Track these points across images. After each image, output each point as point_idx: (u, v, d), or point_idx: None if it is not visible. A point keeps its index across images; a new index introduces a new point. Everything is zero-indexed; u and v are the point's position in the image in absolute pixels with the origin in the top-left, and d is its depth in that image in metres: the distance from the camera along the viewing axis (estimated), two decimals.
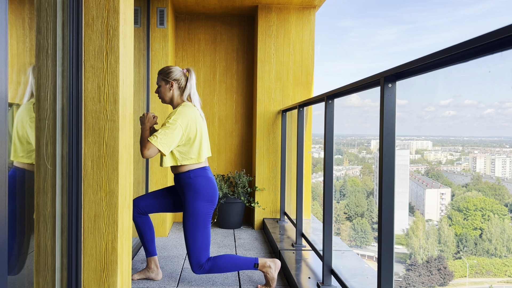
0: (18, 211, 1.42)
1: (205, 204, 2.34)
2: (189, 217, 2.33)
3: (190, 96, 2.43)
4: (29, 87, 1.48)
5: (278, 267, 2.45)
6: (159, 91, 2.44)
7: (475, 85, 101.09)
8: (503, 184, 37.76)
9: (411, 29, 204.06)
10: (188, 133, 2.30)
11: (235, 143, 4.44)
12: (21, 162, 1.49)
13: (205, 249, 2.36)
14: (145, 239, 2.56)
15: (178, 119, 2.26)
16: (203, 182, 2.34)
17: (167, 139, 2.21)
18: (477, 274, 29.98)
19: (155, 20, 3.70)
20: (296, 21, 4.09)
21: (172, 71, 2.41)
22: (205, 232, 2.36)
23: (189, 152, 2.33)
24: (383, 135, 1.46)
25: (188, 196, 2.33)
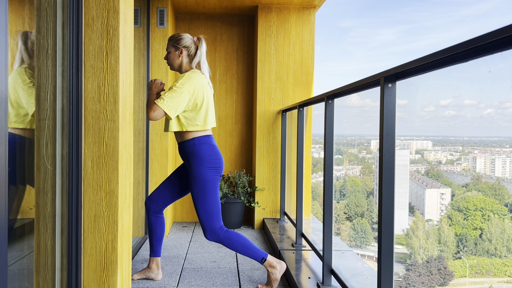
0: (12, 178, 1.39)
1: (211, 172, 2.33)
2: (197, 184, 2.32)
3: (199, 65, 2.43)
4: (18, 53, 1.47)
5: (283, 270, 2.45)
6: (168, 57, 2.43)
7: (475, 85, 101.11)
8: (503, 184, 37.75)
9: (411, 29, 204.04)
10: (195, 99, 2.29)
11: (235, 143, 4.44)
12: (14, 128, 1.47)
13: (216, 215, 2.36)
14: (154, 237, 2.57)
15: (185, 84, 2.25)
16: (208, 150, 2.34)
17: (173, 102, 2.21)
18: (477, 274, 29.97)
19: (155, 20, 3.70)
20: (296, 21, 4.09)
21: (183, 38, 2.41)
22: (215, 198, 2.35)
23: (195, 118, 2.32)
24: (383, 135, 1.46)
25: (194, 164, 2.32)
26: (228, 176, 4.25)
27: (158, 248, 2.60)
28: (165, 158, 3.71)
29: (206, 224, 2.35)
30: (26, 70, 1.46)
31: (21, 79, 1.48)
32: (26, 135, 1.47)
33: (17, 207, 1.50)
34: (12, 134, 1.44)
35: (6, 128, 0.88)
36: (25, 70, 1.46)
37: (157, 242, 2.58)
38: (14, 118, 1.46)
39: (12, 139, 1.42)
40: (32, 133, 1.48)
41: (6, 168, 0.88)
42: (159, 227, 2.56)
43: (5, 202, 0.88)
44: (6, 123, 0.88)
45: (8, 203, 1.33)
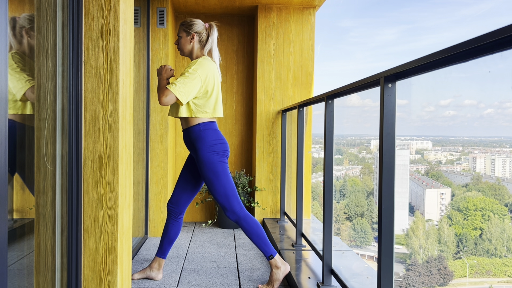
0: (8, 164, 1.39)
1: (217, 156, 2.33)
2: (206, 168, 2.33)
3: (210, 52, 2.43)
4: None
5: (286, 272, 2.44)
6: (179, 42, 2.43)
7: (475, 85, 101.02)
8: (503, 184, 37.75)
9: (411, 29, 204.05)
10: (207, 86, 2.29)
11: (235, 143, 4.44)
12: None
13: (233, 195, 2.36)
14: (166, 238, 2.57)
15: (198, 70, 2.25)
16: (213, 135, 2.34)
17: (185, 88, 2.21)
18: (477, 274, 29.98)
19: (155, 20, 3.70)
20: (296, 21, 4.09)
21: (195, 23, 2.41)
22: (227, 178, 2.35)
23: (205, 105, 2.32)
24: (383, 135, 1.46)
25: (200, 149, 2.32)
26: None
27: (167, 249, 2.60)
28: (165, 158, 3.71)
29: (226, 204, 2.36)
30: (14, 55, 1.46)
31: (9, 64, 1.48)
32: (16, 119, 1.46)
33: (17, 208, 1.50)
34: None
35: (6, 128, 0.88)
36: (13, 55, 1.46)
37: (167, 244, 2.59)
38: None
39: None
40: (22, 118, 1.47)
41: (6, 168, 0.88)
42: (175, 229, 2.57)
43: (5, 202, 0.88)
44: (6, 123, 0.88)
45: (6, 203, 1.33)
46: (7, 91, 0.88)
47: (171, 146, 3.96)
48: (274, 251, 2.42)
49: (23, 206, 1.54)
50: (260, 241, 2.40)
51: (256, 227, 2.40)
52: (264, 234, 2.42)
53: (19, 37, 1.48)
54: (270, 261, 2.41)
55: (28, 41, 1.52)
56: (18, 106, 1.47)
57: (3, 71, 0.86)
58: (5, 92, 0.87)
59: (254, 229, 2.39)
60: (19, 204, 1.53)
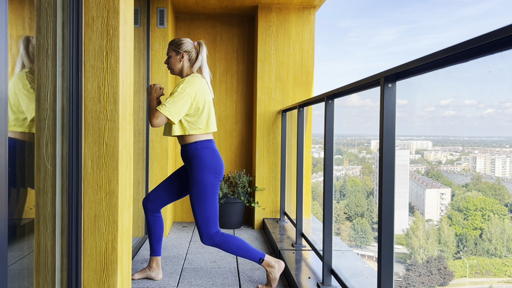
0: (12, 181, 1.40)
1: (211, 176, 2.33)
2: (197, 188, 2.33)
3: (200, 69, 2.44)
4: (20, 58, 1.47)
5: (282, 269, 2.45)
6: (169, 61, 2.44)
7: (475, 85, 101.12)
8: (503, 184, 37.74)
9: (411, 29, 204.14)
10: (197, 103, 2.30)
11: (235, 143, 4.44)
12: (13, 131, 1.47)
13: (214, 220, 2.36)
14: (153, 237, 2.57)
15: (186, 88, 2.26)
16: (210, 154, 2.34)
17: (175, 108, 2.21)
18: (477, 274, 29.97)
19: (155, 20, 3.70)
20: (296, 21, 4.09)
21: (184, 42, 2.42)
22: (214, 203, 2.35)
23: (197, 122, 2.33)
24: (383, 135, 1.46)
25: (195, 167, 2.33)
26: (228, 176, 4.25)
27: (158, 247, 2.60)
28: (165, 158, 3.71)
29: (203, 229, 2.36)
30: (27, 75, 1.47)
31: (21, 83, 1.48)
32: (24, 138, 1.48)
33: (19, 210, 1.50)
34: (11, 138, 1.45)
35: (6, 128, 0.88)
36: (26, 75, 1.47)
37: (156, 242, 2.59)
38: (13, 122, 1.47)
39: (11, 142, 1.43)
40: (30, 137, 1.49)
41: (6, 168, 0.88)
42: (158, 226, 2.57)
43: (5, 202, 0.88)
44: (6, 124, 0.88)
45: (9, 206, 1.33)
46: (7, 91, 0.88)
47: (171, 146, 3.97)
48: (262, 253, 2.42)
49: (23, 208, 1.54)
50: (244, 252, 2.40)
51: (235, 241, 2.39)
52: (245, 243, 2.41)
53: (32, 56, 1.49)
54: (263, 264, 2.42)
55: None
56: (26, 125, 1.47)
57: (3, 71, 0.86)
58: (5, 92, 0.87)
59: (233, 245, 2.38)
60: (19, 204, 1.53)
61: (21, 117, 1.49)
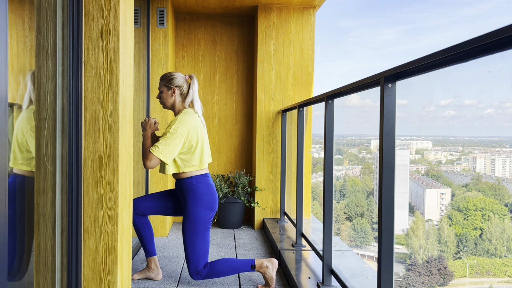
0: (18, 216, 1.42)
1: (205, 211, 2.36)
2: (189, 222, 2.35)
3: (192, 103, 2.45)
4: (27, 94, 1.48)
5: (276, 266, 2.46)
6: (160, 96, 2.45)
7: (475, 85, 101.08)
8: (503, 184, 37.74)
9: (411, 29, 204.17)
10: (190, 141, 2.31)
11: (235, 143, 4.44)
12: (20, 169, 1.50)
13: (203, 255, 2.39)
14: (144, 240, 2.56)
15: (179, 128, 2.27)
16: (205, 189, 2.37)
17: (168, 149, 2.24)
18: (477, 274, 29.97)
19: (155, 20, 3.70)
20: (296, 21, 4.09)
21: (175, 77, 2.42)
22: (204, 238, 2.38)
23: (191, 159, 2.35)
24: (383, 135, 1.46)
25: (189, 202, 2.35)
26: (228, 176, 4.25)
27: (151, 248, 2.59)
28: None
29: (192, 265, 2.38)
30: (34, 115, 1.47)
31: (29, 125, 1.49)
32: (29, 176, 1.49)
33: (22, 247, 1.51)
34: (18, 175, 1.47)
35: (6, 129, 0.88)
36: (33, 115, 1.47)
37: (148, 243, 2.58)
38: (20, 161, 1.49)
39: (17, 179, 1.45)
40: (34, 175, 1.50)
41: (6, 168, 0.88)
42: (147, 228, 2.56)
43: (5, 202, 0.88)
44: (6, 124, 0.88)
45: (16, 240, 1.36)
46: (7, 91, 0.88)
47: None
48: (250, 260, 2.43)
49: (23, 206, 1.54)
50: (234, 269, 2.41)
51: (221, 265, 2.40)
52: (231, 260, 2.42)
53: None
54: (256, 269, 2.43)
55: None
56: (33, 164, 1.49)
57: (3, 71, 0.86)
58: (5, 92, 0.87)
59: (221, 269, 2.40)
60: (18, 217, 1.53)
61: (28, 156, 1.50)
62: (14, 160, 1.47)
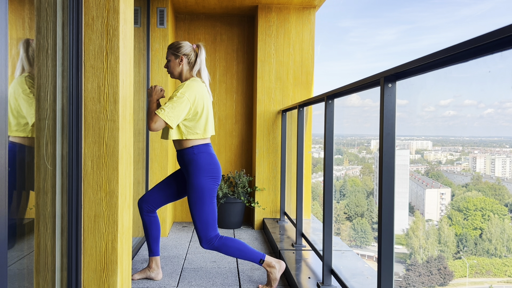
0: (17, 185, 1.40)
1: (209, 180, 2.33)
2: (195, 192, 2.33)
3: (199, 72, 2.44)
4: (20, 62, 1.47)
5: (282, 269, 2.45)
6: (168, 65, 2.44)
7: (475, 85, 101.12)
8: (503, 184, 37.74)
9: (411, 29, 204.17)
10: (196, 107, 2.30)
11: (235, 143, 4.44)
12: (16, 136, 1.48)
13: (212, 224, 2.36)
14: (150, 238, 2.56)
15: (186, 93, 2.26)
16: (207, 159, 2.34)
17: (174, 112, 2.22)
18: (477, 274, 29.97)
19: (155, 20, 3.70)
20: (296, 21, 4.09)
21: (182, 45, 2.42)
22: (212, 207, 2.35)
23: (195, 127, 2.32)
24: (383, 135, 1.46)
25: (192, 172, 2.32)
26: (228, 176, 4.25)
27: (156, 247, 2.60)
28: (165, 158, 3.71)
29: (202, 233, 2.36)
30: (27, 79, 1.46)
31: (21, 88, 1.48)
32: (26, 143, 1.48)
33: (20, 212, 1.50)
34: (13, 143, 1.45)
35: (6, 129, 0.88)
36: (26, 79, 1.46)
37: (154, 242, 2.58)
38: (15, 127, 1.47)
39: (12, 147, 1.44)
40: (32, 142, 1.49)
41: (6, 168, 0.88)
42: (154, 226, 2.56)
43: (5, 202, 0.88)
44: (6, 124, 0.88)
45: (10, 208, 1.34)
46: (7, 91, 0.88)
47: (171, 146, 3.96)
48: (262, 254, 2.42)
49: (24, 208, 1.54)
50: (244, 254, 2.40)
51: (234, 244, 2.39)
52: (244, 246, 2.41)
53: (32, 60, 1.48)
54: (263, 265, 2.41)
55: None
56: (28, 130, 1.47)
57: (3, 71, 0.86)
58: (5, 92, 0.87)
59: (233, 248, 2.38)
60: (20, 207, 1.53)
61: (23, 122, 1.49)
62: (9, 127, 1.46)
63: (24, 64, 1.47)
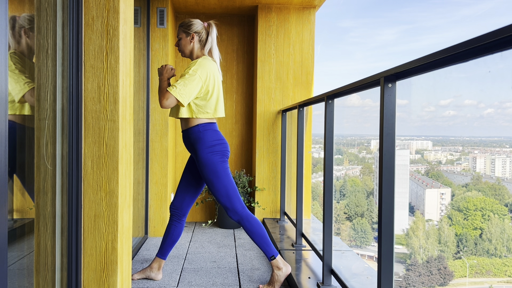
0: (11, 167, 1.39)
1: (217, 156, 2.32)
2: (207, 169, 2.32)
3: (210, 51, 2.42)
4: None
5: (287, 273, 2.43)
6: (179, 43, 2.43)
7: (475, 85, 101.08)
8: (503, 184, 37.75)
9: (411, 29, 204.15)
10: (207, 86, 2.29)
11: (235, 143, 4.44)
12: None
13: (234, 195, 2.35)
14: (168, 239, 2.57)
15: (198, 70, 2.25)
16: (213, 136, 2.33)
17: (186, 90, 2.20)
18: (477, 274, 29.97)
19: (155, 20, 3.70)
20: (296, 21, 4.09)
21: (194, 23, 2.41)
22: (228, 178, 2.34)
23: (206, 106, 2.32)
24: (383, 135, 1.46)
25: (200, 149, 2.31)
26: None
27: (168, 251, 2.60)
28: (165, 158, 3.71)
29: (228, 204, 2.35)
30: (12, 56, 1.45)
31: None
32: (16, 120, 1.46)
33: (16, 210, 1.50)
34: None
35: (6, 128, 0.88)
36: (11, 56, 1.45)
37: (169, 245, 2.58)
38: None
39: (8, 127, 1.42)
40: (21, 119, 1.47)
41: (6, 168, 0.88)
42: (177, 231, 2.57)
43: (5, 201, 0.88)
44: (6, 123, 0.88)
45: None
46: (7, 91, 0.88)
47: (171, 146, 3.96)
48: (276, 251, 2.41)
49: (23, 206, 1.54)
50: (263, 242, 2.39)
51: (259, 227, 2.39)
52: (266, 234, 2.41)
53: (17, 37, 1.47)
54: (272, 262, 2.40)
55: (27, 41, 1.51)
56: (16, 107, 1.46)
57: (3, 71, 0.86)
58: (5, 92, 0.87)
59: (256, 229, 2.38)
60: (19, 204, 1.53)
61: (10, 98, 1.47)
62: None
63: (10, 41, 1.45)
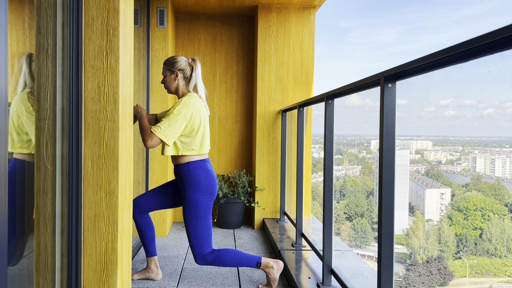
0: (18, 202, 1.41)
1: (204, 196, 2.33)
2: (190, 209, 2.33)
3: (196, 87, 2.43)
4: (22, 76, 1.46)
5: (281, 269, 2.45)
6: (164, 81, 2.44)
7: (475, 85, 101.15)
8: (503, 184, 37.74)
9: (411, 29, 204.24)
10: (192, 124, 2.30)
11: (235, 143, 4.44)
12: (19, 153, 1.48)
13: (207, 240, 2.36)
14: (145, 239, 2.56)
15: (182, 110, 2.26)
16: (202, 174, 2.34)
17: (170, 130, 2.22)
18: (477, 274, 29.97)
19: (155, 20, 3.70)
20: (296, 21, 4.09)
21: (177, 61, 2.41)
22: (206, 223, 2.35)
23: (191, 143, 2.32)
24: (383, 135, 1.46)
25: (188, 188, 2.33)
26: (228, 176, 4.25)
27: (152, 247, 2.59)
28: (165, 158, 3.71)
29: (196, 250, 2.36)
30: (29, 96, 1.46)
31: (24, 106, 1.48)
32: (29, 159, 1.48)
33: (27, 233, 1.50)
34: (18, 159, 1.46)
35: (7, 128, 0.88)
36: (28, 96, 1.46)
37: (150, 243, 2.57)
38: (18, 144, 1.47)
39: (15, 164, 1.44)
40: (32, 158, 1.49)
41: (6, 168, 0.88)
42: (148, 228, 2.56)
43: (5, 201, 0.88)
44: (7, 124, 0.88)
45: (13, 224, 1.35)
46: (7, 91, 0.88)
47: None
48: (257, 257, 2.42)
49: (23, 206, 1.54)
50: (239, 261, 2.40)
51: (227, 254, 2.38)
52: (238, 252, 2.41)
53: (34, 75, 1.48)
54: (261, 268, 2.41)
55: None
56: (32, 146, 1.47)
57: (3, 71, 0.86)
58: (5, 92, 0.87)
59: (227, 258, 2.38)
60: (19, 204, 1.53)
61: (26, 138, 1.49)
62: (12, 144, 1.45)
63: (27, 79, 1.46)
